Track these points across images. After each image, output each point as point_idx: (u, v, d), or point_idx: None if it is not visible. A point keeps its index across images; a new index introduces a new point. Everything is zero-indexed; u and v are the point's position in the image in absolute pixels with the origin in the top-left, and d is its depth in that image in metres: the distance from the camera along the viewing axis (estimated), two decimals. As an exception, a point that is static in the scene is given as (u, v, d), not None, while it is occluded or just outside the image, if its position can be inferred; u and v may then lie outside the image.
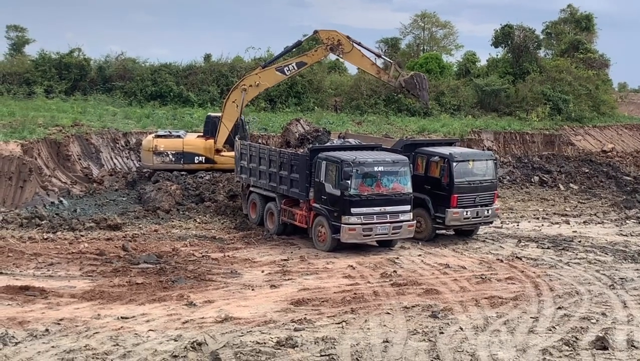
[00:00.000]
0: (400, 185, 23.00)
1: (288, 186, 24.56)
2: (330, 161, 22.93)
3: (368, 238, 23.06)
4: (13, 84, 47.46)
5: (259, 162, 26.09)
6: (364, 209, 22.42)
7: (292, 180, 24.32)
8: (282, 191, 24.95)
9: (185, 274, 19.91)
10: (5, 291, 17.88)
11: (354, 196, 22.28)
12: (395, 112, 49.83)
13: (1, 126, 33.41)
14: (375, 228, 22.64)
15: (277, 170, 25.00)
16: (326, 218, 22.92)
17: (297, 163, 24.17)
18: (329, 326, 15.69)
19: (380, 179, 22.68)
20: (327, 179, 22.87)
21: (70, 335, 14.87)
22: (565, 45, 62.88)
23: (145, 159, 31.91)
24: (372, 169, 22.59)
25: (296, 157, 24.51)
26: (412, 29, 72.54)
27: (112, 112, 41.29)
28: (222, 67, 50.07)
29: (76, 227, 25.32)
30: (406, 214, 23.13)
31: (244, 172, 27.36)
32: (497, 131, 45.26)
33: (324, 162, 23.09)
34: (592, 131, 51.51)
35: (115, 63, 50.70)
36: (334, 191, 22.55)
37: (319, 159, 23.30)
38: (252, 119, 41.33)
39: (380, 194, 22.66)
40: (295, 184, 24.18)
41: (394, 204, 22.84)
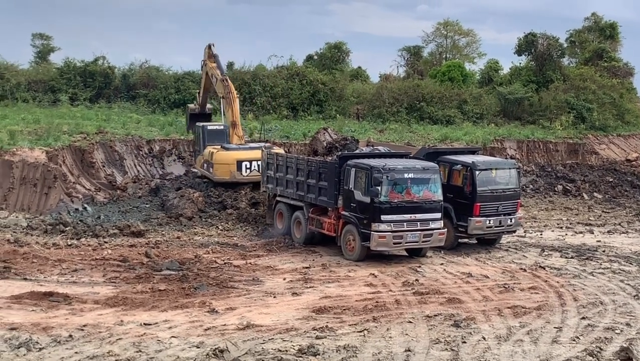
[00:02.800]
0: (431, 192, 22.70)
1: (316, 194, 24.32)
2: (360, 168, 22.63)
3: (398, 246, 22.84)
4: (38, 92, 47.99)
5: (285, 171, 25.82)
6: (394, 216, 22.10)
7: (321, 188, 24.10)
8: (310, 200, 24.69)
9: (207, 281, 19.97)
10: (30, 296, 18.02)
11: (384, 203, 21.95)
12: (417, 121, 49.77)
13: (27, 133, 33.76)
14: (405, 235, 22.32)
15: (305, 179, 24.74)
16: (355, 226, 22.61)
17: (325, 171, 23.96)
18: (350, 335, 15.66)
19: (411, 186, 22.36)
20: (357, 187, 22.58)
21: (93, 341, 14.95)
22: (589, 54, 62.52)
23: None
24: (402, 176, 22.29)
25: (325, 165, 24.29)
26: (434, 37, 72.49)
27: (135, 119, 41.60)
28: (245, 75, 50.26)
29: (100, 233, 25.51)
30: (437, 222, 22.80)
31: (270, 182, 26.98)
32: (520, 139, 45.02)
33: (353, 170, 22.82)
34: (616, 139, 51.07)
35: (139, 71, 51.13)
36: (364, 198, 22.26)
37: (348, 167, 23.05)
38: (274, 127, 41.48)
39: (410, 201, 22.34)
40: (324, 192, 23.97)
41: (424, 211, 22.52)
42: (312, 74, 51.89)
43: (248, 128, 39.49)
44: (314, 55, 62.84)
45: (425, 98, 51.51)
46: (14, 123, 36.30)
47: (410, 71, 64.56)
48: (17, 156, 29.55)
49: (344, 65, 62.45)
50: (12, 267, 20.95)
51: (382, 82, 59.77)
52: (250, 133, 37.95)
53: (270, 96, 49.08)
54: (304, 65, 57.25)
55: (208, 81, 34.84)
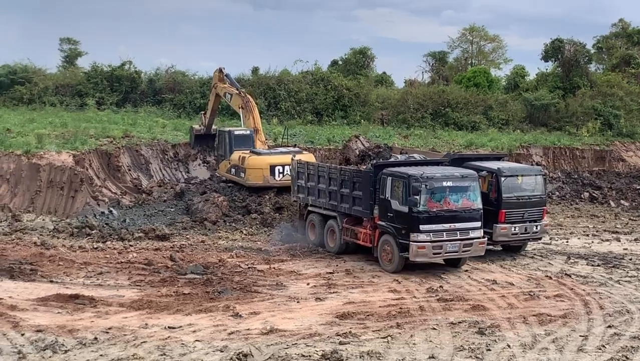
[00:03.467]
0: (470, 200, 22.01)
1: (350, 204, 23.71)
2: (397, 176, 21.97)
3: (438, 256, 22.09)
4: (66, 96, 48.50)
5: (317, 180, 25.27)
6: (433, 226, 21.39)
7: (355, 198, 23.48)
8: (344, 210, 24.11)
9: (231, 285, 20.04)
10: (56, 299, 18.19)
11: (422, 213, 21.27)
12: (442, 126, 49.57)
13: (54, 137, 34.10)
14: (445, 245, 21.59)
15: (338, 188, 24.17)
16: (393, 236, 21.90)
17: (360, 180, 23.33)
18: (374, 341, 15.62)
19: (449, 195, 21.67)
20: (393, 196, 21.92)
21: (118, 343, 15.06)
22: (616, 60, 61.97)
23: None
24: (440, 185, 21.58)
25: (359, 174, 23.70)
26: (460, 43, 72.32)
27: (161, 124, 41.87)
28: (270, 80, 50.45)
29: (125, 237, 25.70)
30: (476, 231, 22.10)
31: (301, 192, 26.43)
32: (547, 146, 44.68)
33: (389, 179, 22.16)
34: (643, 146, 50.46)
35: (165, 76, 51.48)
36: (401, 207, 21.59)
37: (384, 175, 22.38)
38: (299, 132, 41.55)
39: (449, 210, 21.64)
40: (358, 202, 23.34)
41: (464, 220, 21.83)
42: (336, 79, 51.93)
43: (272, 133, 39.60)
44: (339, 60, 62.91)
45: (450, 104, 51.32)
46: (41, 127, 36.70)
47: (435, 76, 64.40)
48: (44, 160, 29.84)
49: (368, 70, 62.44)
50: (38, 269, 21.17)
51: (406, 87, 59.67)
52: (274, 138, 38.05)
53: (294, 100, 49.19)
54: (329, 70, 57.33)
55: (216, 102, 35.94)
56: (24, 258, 22.20)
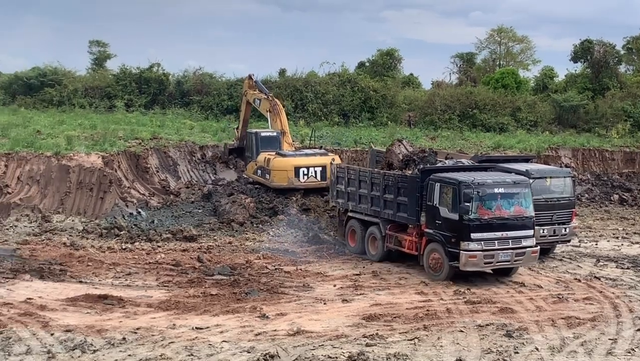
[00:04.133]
0: (522, 208, 21.14)
1: (394, 210, 22.91)
2: (446, 183, 21.10)
3: (489, 266, 21.12)
4: (95, 98, 49.00)
5: (358, 185, 24.51)
6: (484, 234, 20.54)
7: (399, 204, 22.72)
8: (387, 216, 23.30)
9: (258, 286, 20.10)
10: (85, 299, 18.38)
11: (473, 220, 20.45)
12: (470, 128, 49.33)
13: (83, 139, 34.44)
14: (497, 254, 20.72)
15: (381, 193, 23.39)
16: (442, 245, 21.10)
17: (405, 186, 22.52)
18: (401, 343, 15.59)
19: (501, 202, 20.82)
20: (442, 203, 21.08)
21: (146, 344, 15.16)
22: (646, 61, 61.24)
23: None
24: (492, 191, 20.72)
25: (404, 180, 22.75)
26: (488, 44, 71.82)
27: (189, 125, 42.12)
28: (297, 82, 50.53)
29: (153, 238, 25.89)
30: (529, 240, 21.24)
31: (340, 197, 25.70)
32: (576, 147, 44.25)
33: (437, 185, 21.31)
34: (675, 148, 49.78)
35: (193, 78, 51.77)
36: (451, 215, 20.76)
37: (432, 181, 21.52)
38: (325, 134, 41.57)
39: (501, 217, 20.77)
40: (403, 208, 22.60)
41: (516, 228, 20.98)
42: (363, 80, 51.90)
43: (299, 135, 39.65)
44: (366, 62, 62.84)
45: (478, 105, 51.05)
46: (71, 129, 37.11)
47: (462, 77, 64.05)
48: (74, 161, 30.14)
49: (395, 72, 62.29)
50: (68, 270, 21.41)
51: (434, 89, 59.42)
52: (301, 140, 38.10)
53: (321, 102, 49.23)
54: (356, 72, 57.31)
55: (248, 111, 35.93)
56: (54, 259, 22.46)
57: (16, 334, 15.51)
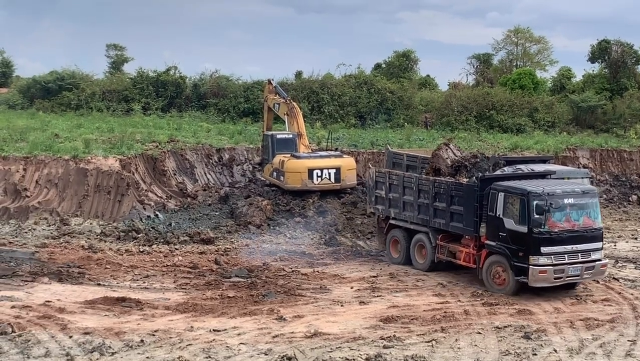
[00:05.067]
0: (591, 219, 20.13)
1: (447, 219, 21.84)
2: (512, 192, 19.95)
3: (559, 281, 19.87)
4: (112, 101, 49.16)
5: (402, 191, 23.42)
6: (554, 247, 19.48)
7: (453, 213, 21.62)
8: (438, 225, 22.23)
9: (275, 288, 20.13)
10: (103, 302, 18.49)
11: (544, 233, 19.38)
12: (487, 129, 49.10)
13: (101, 142, 34.60)
14: (567, 269, 19.67)
15: (431, 201, 22.27)
16: (507, 258, 19.91)
17: (461, 194, 21.39)
18: (418, 345, 15.56)
19: (570, 213, 19.80)
20: (507, 214, 19.93)
21: (164, 346, 15.23)
22: (665, 61, 60.74)
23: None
24: (562, 202, 19.67)
25: (459, 188, 21.55)
26: (504, 45, 71.46)
27: (206, 128, 42.18)
28: (313, 84, 50.49)
29: (171, 240, 25.99)
30: (598, 253, 20.26)
31: (380, 203, 24.54)
32: (594, 148, 43.95)
33: (501, 194, 20.13)
34: (694, 148, 49.40)
35: (210, 81, 51.82)
36: (518, 227, 19.66)
37: (494, 191, 20.33)
38: (342, 136, 41.54)
39: (571, 230, 19.74)
40: (458, 217, 21.49)
41: (585, 241, 19.92)
42: (380, 82, 51.80)
43: (315, 137, 39.65)
44: (382, 63, 62.75)
45: (495, 106, 50.82)
46: (89, 132, 37.28)
47: (479, 78, 63.81)
48: (91, 164, 30.30)
49: (412, 73, 62.15)
50: (86, 272, 21.54)
51: (450, 90, 59.22)
52: (318, 142, 38.10)
53: (338, 104, 49.18)
54: (372, 73, 57.20)
55: (270, 118, 35.83)
56: (72, 262, 22.61)
57: (35, 337, 15.63)
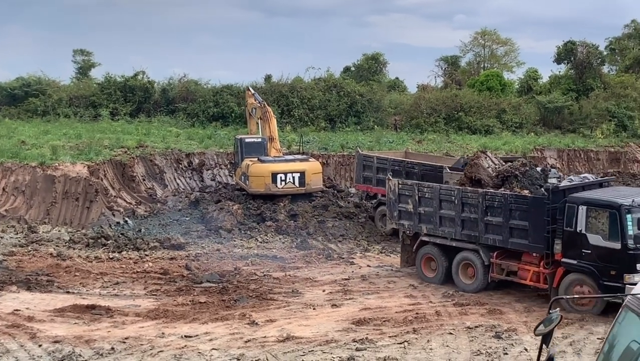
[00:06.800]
0: None
1: (504, 235, 19.83)
2: (597, 205, 18.25)
3: None
4: (80, 107, 48.70)
5: (439, 205, 21.37)
6: None
7: (513, 228, 19.66)
8: (491, 242, 20.18)
9: (247, 293, 20.06)
10: (72, 310, 18.28)
11: (638, 250, 17.69)
12: (455, 131, 49.51)
13: (68, 148, 34.28)
14: None
15: (481, 216, 20.28)
16: (593, 277, 18.18)
17: (525, 208, 19.45)
18: (390, 346, 15.59)
19: None
20: (591, 229, 18.20)
21: (135, 353, 15.10)
22: (629, 61, 61.73)
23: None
24: None
25: (523, 201, 19.63)
26: (472, 47, 72.19)
27: (175, 133, 42.00)
28: (283, 88, 50.51)
29: (141, 247, 25.78)
30: None
31: (406, 218, 22.37)
32: (561, 148, 44.54)
33: (582, 208, 18.35)
34: (659, 147, 50.22)
35: (179, 85, 51.58)
36: (608, 243, 17.91)
37: (572, 204, 18.58)
38: (312, 139, 41.58)
39: None
40: (520, 233, 19.54)
41: None
42: (349, 85, 51.95)
43: (286, 140, 39.65)
44: (352, 66, 62.95)
45: (463, 108, 51.24)
46: (56, 138, 36.91)
47: (448, 80, 64.29)
48: (59, 171, 30.00)
49: (381, 76, 62.44)
50: (55, 280, 21.29)
51: (419, 92, 59.59)
52: (288, 145, 38.10)
53: (307, 107, 49.22)
54: (342, 76, 57.35)
55: (252, 121, 35.51)
56: (41, 269, 22.33)
57: (4, 346, 15.42)
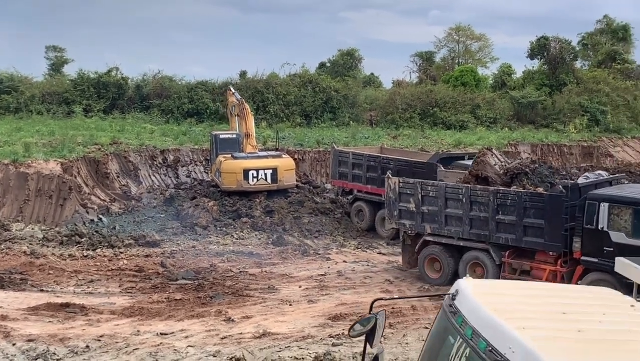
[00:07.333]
0: None
1: (518, 233, 19.44)
2: (620, 202, 17.90)
3: None
4: (53, 104, 48.28)
5: (444, 204, 20.90)
6: None
7: (528, 227, 19.29)
8: (504, 241, 19.76)
9: (223, 290, 20.00)
10: (47, 308, 18.11)
11: None
12: (430, 126, 49.75)
13: (41, 145, 33.95)
14: None
15: (492, 214, 19.85)
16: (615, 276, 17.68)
17: (540, 206, 19.03)
18: (367, 342, 15.60)
19: None
20: (614, 227, 17.81)
21: (110, 351, 15.00)
22: (602, 56, 62.39)
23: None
24: None
25: (539, 199, 19.21)
26: (446, 43, 72.55)
27: (149, 130, 41.76)
28: (258, 84, 50.43)
29: (115, 244, 25.59)
30: None
31: (407, 218, 21.85)
32: (534, 143, 44.89)
33: (604, 205, 17.94)
34: (630, 142, 50.84)
35: (153, 81, 51.32)
36: (631, 241, 17.44)
37: (592, 201, 18.16)
38: (288, 135, 41.55)
39: None
40: (535, 232, 19.18)
41: None
42: (324, 81, 52.00)
43: (261, 137, 39.57)
44: (327, 62, 63.00)
45: (438, 103, 51.50)
46: (28, 135, 36.55)
47: (422, 76, 64.58)
48: (32, 168, 29.72)
49: (356, 72, 62.61)
50: (28, 279, 21.08)
51: (394, 88, 59.81)
52: (264, 141, 38.04)
53: (283, 103, 49.20)
54: (317, 72, 57.41)
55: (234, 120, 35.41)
56: (14, 268, 22.09)
57: (-23, 345, 15.26)
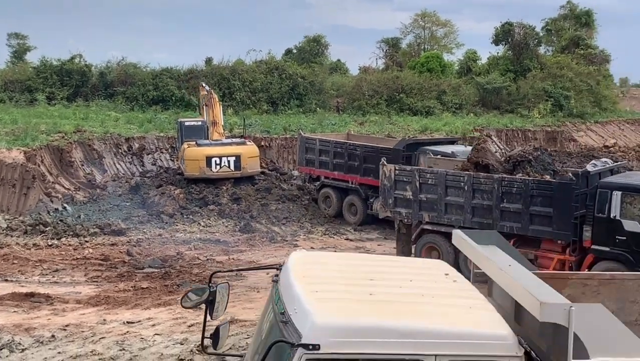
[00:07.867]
0: None
1: (524, 222, 18.92)
2: (634, 190, 17.58)
3: None
4: (15, 92, 47.57)
5: (444, 191, 20.33)
6: None
7: (534, 215, 18.85)
8: (508, 229, 18.87)
9: (190, 278, 19.94)
10: (11, 298, 17.93)
11: None
12: (397, 112, 49.93)
13: (4, 134, 33.46)
14: None
15: (496, 202, 19.36)
16: (628, 265, 17.34)
17: (549, 194, 18.58)
18: (334, 327, 15.66)
19: None
20: (627, 215, 17.50)
21: (76, 340, 14.89)
22: (565, 42, 63.01)
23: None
24: None
25: (547, 186, 18.74)
26: (412, 29, 72.73)
27: (114, 117, 41.35)
28: (224, 70, 50.17)
29: (80, 233, 25.34)
30: None
31: (403, 206, 21.21)
32: (500, 128, 45.24)
33: (617, 193, 17.63)
34: (593, 126, 51.52)
35: (117, 69, 50.77)
36: None
37: (604, 189, 17.87)
38: (254, 122, 41.43)
39: None
40: (542, 220, 18.74)
41: None
42: (291, 67, 51.90)
43: (228, 124, 39.38)
44: (293, 49, 62.87)
45: (404, 89, 51.68)
46: (-10, 124, 36.03)
47: (389, 62, 64.71)
48: (-6, 157, 29.31)
49: (323, 58, 62.59)
50: (-8, 269, 20.84)
51: (361, 74, 59.89)
52: (230, 129, 37.88)
53: (249, 90, 49.02)
54: (283, 59, 57.27)
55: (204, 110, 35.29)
56: (-23, 258, 21.84)
57: (-61, 337, 15.05)
